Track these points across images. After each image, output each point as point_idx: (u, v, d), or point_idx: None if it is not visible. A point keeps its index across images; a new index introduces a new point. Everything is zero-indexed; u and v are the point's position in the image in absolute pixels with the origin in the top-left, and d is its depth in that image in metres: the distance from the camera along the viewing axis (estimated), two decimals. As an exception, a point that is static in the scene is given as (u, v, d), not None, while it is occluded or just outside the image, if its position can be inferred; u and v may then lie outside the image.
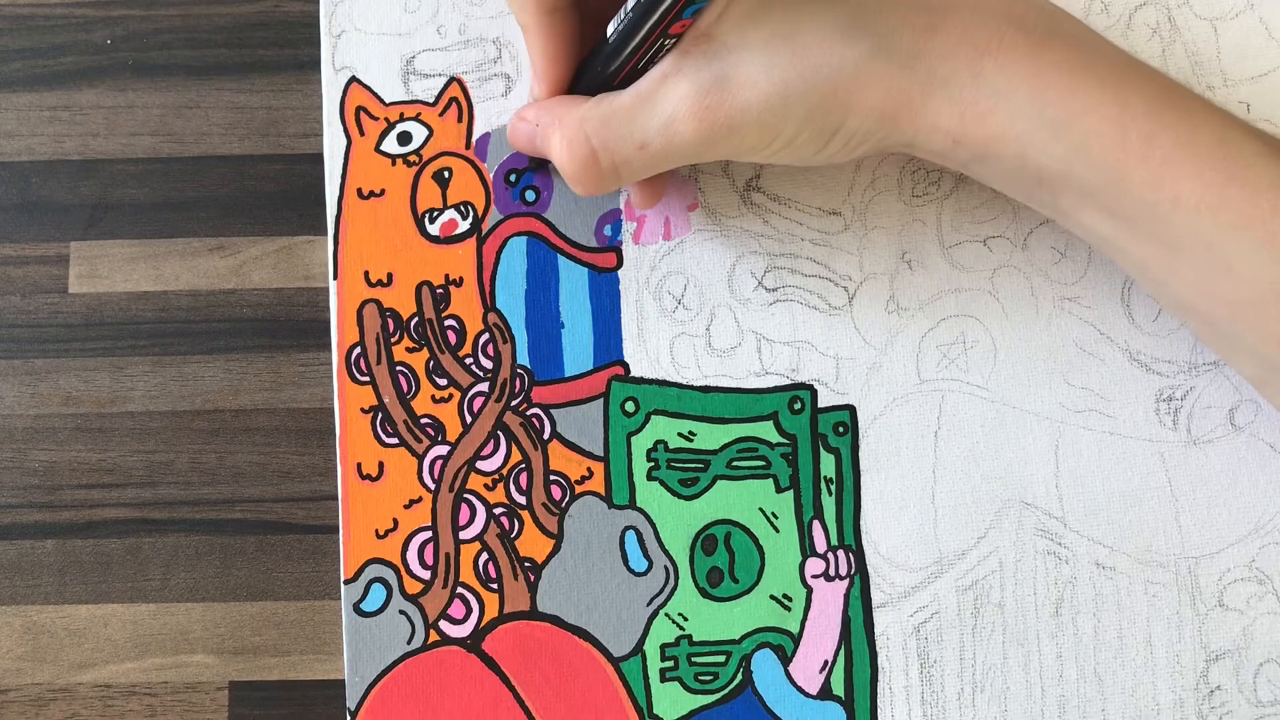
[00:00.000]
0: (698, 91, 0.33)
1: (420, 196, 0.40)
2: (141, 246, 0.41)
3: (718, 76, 0.33)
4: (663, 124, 0.33)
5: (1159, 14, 0.41)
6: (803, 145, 0.34)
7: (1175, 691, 0.37)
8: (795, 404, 0.39)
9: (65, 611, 0.39)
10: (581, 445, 0.39)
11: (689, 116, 0.33)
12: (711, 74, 0.33)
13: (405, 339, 0.39)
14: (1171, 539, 0.38)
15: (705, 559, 0.38)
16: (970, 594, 0.38)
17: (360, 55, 0.41)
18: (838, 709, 0.37)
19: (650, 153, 0.34)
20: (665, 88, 0.33)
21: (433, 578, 0.38)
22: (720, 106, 0.33)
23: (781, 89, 0.32)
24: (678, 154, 0.34)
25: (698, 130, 0.33)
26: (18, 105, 0.42)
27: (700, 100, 0.33)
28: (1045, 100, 0.32)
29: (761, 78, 0.32)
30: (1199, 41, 0.40)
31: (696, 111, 0.33)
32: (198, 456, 0.40)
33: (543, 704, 0.37)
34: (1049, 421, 0.39)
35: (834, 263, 0.40)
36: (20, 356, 0.41)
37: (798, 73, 0.32)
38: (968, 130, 0.33)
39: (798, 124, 0.33)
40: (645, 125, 0.33)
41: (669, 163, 0.34)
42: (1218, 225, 0.32)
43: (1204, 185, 0.32)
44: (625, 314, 0.40)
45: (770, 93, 0.32)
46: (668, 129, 0.33)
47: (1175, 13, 0.40)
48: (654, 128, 0.33)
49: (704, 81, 0.33)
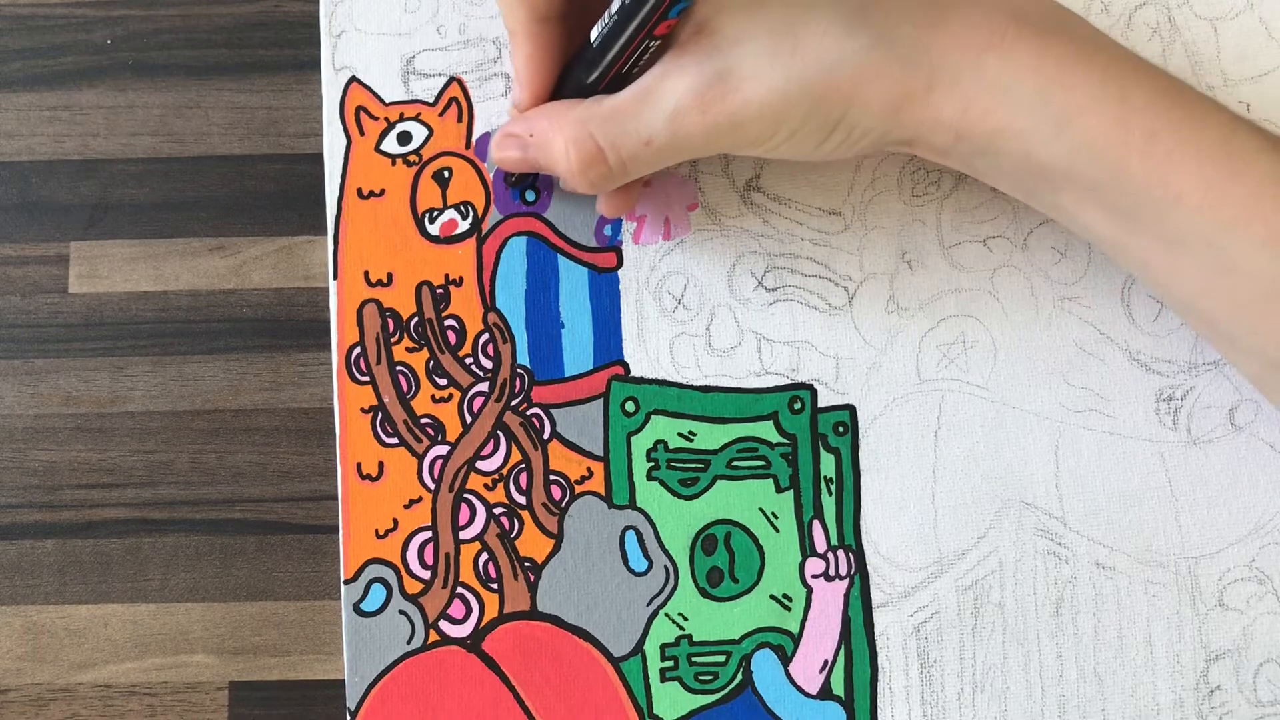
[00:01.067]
0: (701, 85, 0.33)
1: (420, 196, 0.40)
2: (141, 246, 0.41)
3: (720, 70, 0.33)
4: (668, 118, 0.33)
5: (1159, 14, 0.41)
6: (804, 139, 0.34)
7: (1175, 691, 0.37)
8: (795, 404, 0.39)
9: (65, 611, 0.40)
10: (581, 445, 0.39)
11: (693, 109, 0.33)
12: (714, 68, 0.33)
13: (405, 339, 0.39)
14: (1171, 539, 0.38)
15: (705, 559, 0.38)
16: (970, 594, 0.38)
17: (360, 55, 0.41)
18: (838, 709, 0.37)
19: (656, 147, 0.34)
20: (667, 83, 0.33)
21: (433, 578, 0.38)
22: (724, 100, 0.33)
23: (783, 82, 0.32)
24: (683, 148, 0.34)
25: (702, 123, 0.33)
26: (18, 105, 0.42)
27: (704, 94, 0.33)
28: (1048, 95, 0.32)
29: (763, 71, 0.32)
30: (1199, 41, 0.40)
31: (700, 105, 0.33)
32: (198, 456, 0.40)
33: (543, 704, 0.37)
34: (1049, 421, 0.39)
35: (834, 263, 0.40)
36: (20, 356, 0.41)
37: (800, 66, 0.32)
38: (970, 124, 0.33)
39: (800, 117, 0.33)
40: (650, 120, 0.33)
41: (674, 157, 0.34)
42: (1220, 222, 0.32)
43: (1206, 182, 0.32)
44: (625, 314, 0.40)
45: (773, 86, 0.32)
46: (673, 123, 0.33)
47: (1175, 12, 0.41)
48: (659, 122, 0.33)
49: (707, 75, 0.33)
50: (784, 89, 0.33)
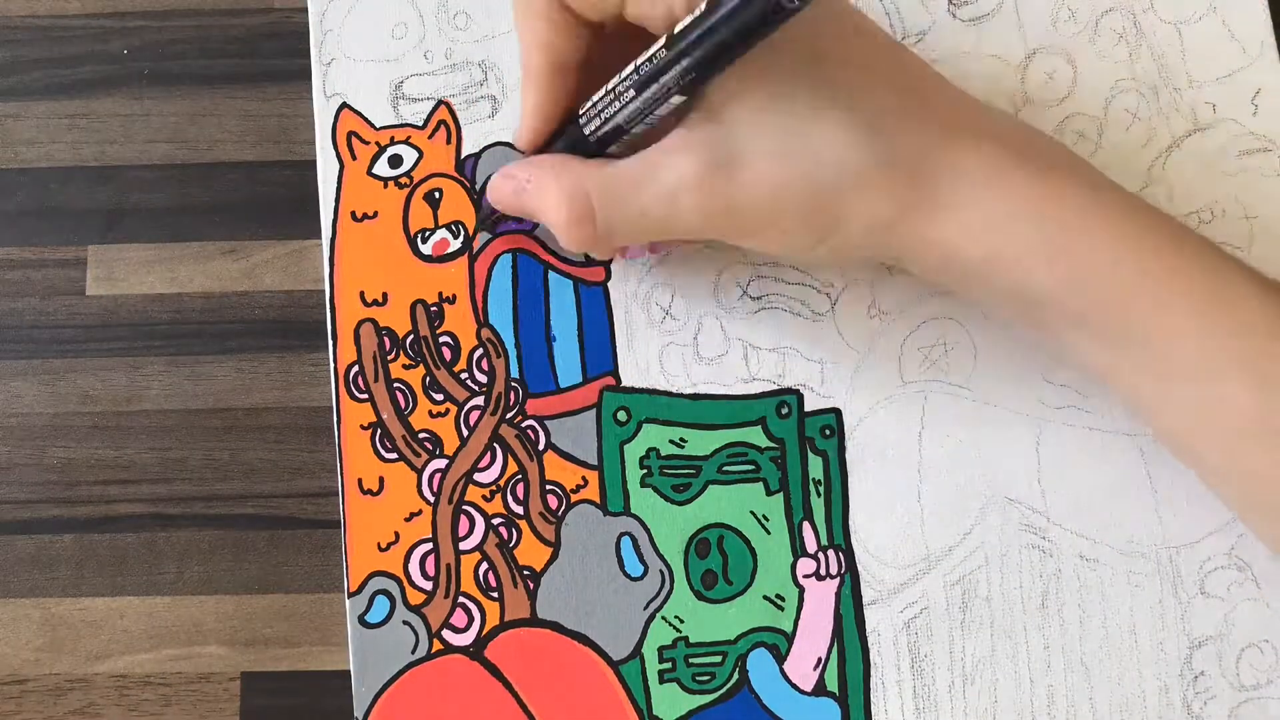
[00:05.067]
0: (703, 169, 0.32)
1: (412, 217, 0.41)
2: (157, 250, 0.42)
3: (725, 157, 0.32)
4: (665, 195, 0.33)
5: (1124, 19, 0.41)
6: (798, 239, 0.34)
7: (1160, 678, 0.38)
8: (782, 409, 0.39)
9: (82, 604, 0.40)
10: (576, 455, 0.39)
11: (691, 191, 0.33)
12: (719, 154, 0.32)
13: (402, 356, 0.40)
14: (1152, 530, 0.38)
15: (699, 562, 0.39)
16: (958, 589, 0.38)
17: (350, 81, 0.42)
18: (832, 705, 0.38)
19: (648, 221, 0.33)
20: (671, 160, 0.33)
21: (435, 588, 0.39)
22: (724, 187, 0.32)
23: (786, 181, 0.32)
24: (675, 227, 0.34)
25: (698, 206, 0.33)
26: (37, 113, 0.43)
27: (705, 178, 0.32)
28: (1044, 230, 0.32)
29: (767, 167, 0.32)
30: (1164, 45, 0.41)
31: (701, 187, 0.32)
32: (211, 453, 0.41)
33: (545, 708, 0.38)
34: (1030, 419, 0.39)
35: (816, 270, 0.40)
36: (39, 356, 0.41)
37: (804, 169, 0.32)
38: (963, 250, 0.33)
39: (797, 218, 0.33)
40: (647, 193, 0.33)
41: (664, 234, 0.34)
42: (1209, 359, 0.32)
43: (1197, 319, 0.32)
44: (615, 325, 0.40)
45: (776, 182, 0.32)
46: (670, 200, 0.33)
47: (1140, 17, 0.41)
48: (656, 197, 0.33)
49: (711, 160, 0.32)
50: (786, 187, 0.32)
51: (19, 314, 0.42)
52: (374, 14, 0.42)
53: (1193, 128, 0.41)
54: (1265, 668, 0.38)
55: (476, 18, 0.42)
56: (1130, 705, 0.38)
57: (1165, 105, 0.41)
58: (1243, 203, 0.40)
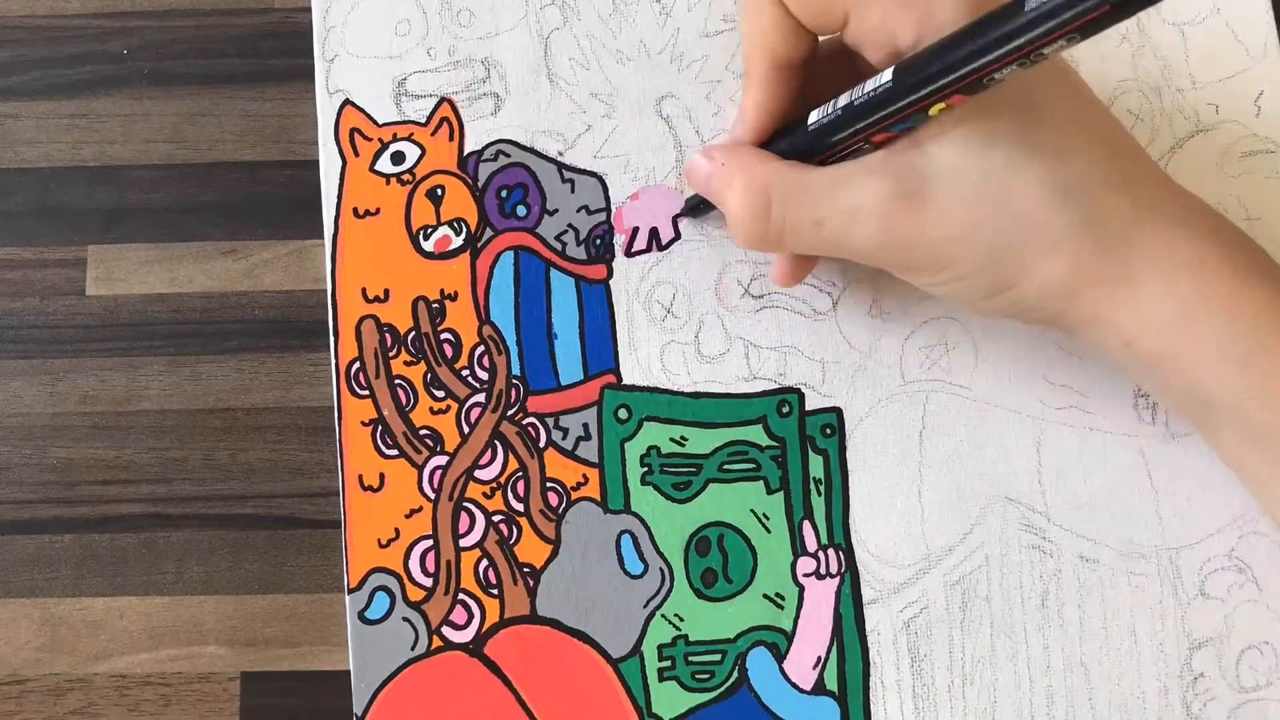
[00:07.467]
0: (891, 195, 0.32)
1: (414, 214, 0.41)
2: (156, 250, 0.42)
3: (916, 190, 0.32)
4: (845, 210, 0.32)
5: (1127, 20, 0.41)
6: (973, 288, 0.33)
7: (1160, 679, 0.38)
8: (783, 407, 0.40)
9: (82, 604, 0.40)
10: (577, 452, 0.39)
11: (873, 215, 0.32)
12: (911, 185, 0.32)
13: (403, 353, 0.40)
14: (1153, 531, 0.38)
15: (699, 560, 0.39)
16: (958, 589, 0.38)
17: (353, 78, 0.42)
18: (831, 704, 0.38)
19: (822, 233, 0.33)
20: (861, 178, 0.32)
21: (434, 585, 0.39)
22: (907, 219, 0.32)
23: (974, 227, 0.31)
24: (848, 245, 0.33)
25: (875, 230, 0.32)
26: (37, 113, 0.43)
27: (890, 204, 0.32)
28: (1235, 334, 0.31)
29: (957, 209, 0.31)
30: (1167, 46, 0.41)
31: (882, 213, 0.32)
32: (210, 453, 0.41)
33: (544, 705, 0.38)
34: (1031, 419, 0.39)
35: (818, 269, 0.40)
36: (39, 356, 0.42)
37: (995, 218, 0.31)
38: (1144, 337, 0.32)
39: (976, 266, 0.32)
40: (829, 204, 0.32)
41: (835, 250, 0.33)
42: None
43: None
44: (616, 323, 0.40)
45: (962, 226, 0.31)
46: (848, 217, 0.32)
47: (1143, 18, 0.41)
48: (836, 211, 0.32)
49: (901, 189, 0.32)
50: (974, 232, 0.32)
51: (19, 314, 0.42)
52: (377, 11, 0.42)
53: (1195, 129, 0.41)
54: (1265, 669, 0.37)
55: (480, 15, 0.42)
56: (1130, 706, 0.37)
57: (1168, 106, 0.41)
58: (1245, 204, 0.40)
